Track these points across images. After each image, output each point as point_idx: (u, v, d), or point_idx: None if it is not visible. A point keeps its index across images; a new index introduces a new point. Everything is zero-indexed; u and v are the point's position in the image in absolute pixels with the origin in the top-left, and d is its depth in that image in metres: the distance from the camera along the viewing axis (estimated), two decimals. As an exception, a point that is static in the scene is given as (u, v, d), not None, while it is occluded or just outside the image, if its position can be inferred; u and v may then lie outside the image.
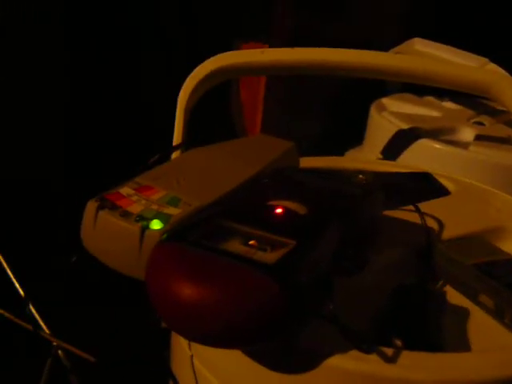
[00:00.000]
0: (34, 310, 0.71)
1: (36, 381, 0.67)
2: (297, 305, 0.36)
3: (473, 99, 1.05)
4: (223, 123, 1.08)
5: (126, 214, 0.45)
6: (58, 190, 1.11)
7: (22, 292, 0.72)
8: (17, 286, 0.73)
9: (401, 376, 0.39)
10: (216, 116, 1.01)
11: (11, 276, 0.73)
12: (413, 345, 0.42)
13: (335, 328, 0.38)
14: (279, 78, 1.02)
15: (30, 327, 0.69)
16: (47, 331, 0.70)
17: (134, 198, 0.47)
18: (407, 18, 1.23)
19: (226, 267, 0.37)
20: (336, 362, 0.39)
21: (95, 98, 1.12)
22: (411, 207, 0.60)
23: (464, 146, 0.90)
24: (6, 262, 0.74)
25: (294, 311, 0.36)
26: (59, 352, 0.70)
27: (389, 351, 0.40)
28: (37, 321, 0.71)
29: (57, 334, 0.69)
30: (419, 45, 1.01)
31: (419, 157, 0.87)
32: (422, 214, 0.58)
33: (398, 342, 0.41)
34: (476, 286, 0.49)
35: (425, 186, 0.71)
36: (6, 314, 0.71)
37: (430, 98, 1.10)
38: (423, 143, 0.88)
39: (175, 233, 0.42)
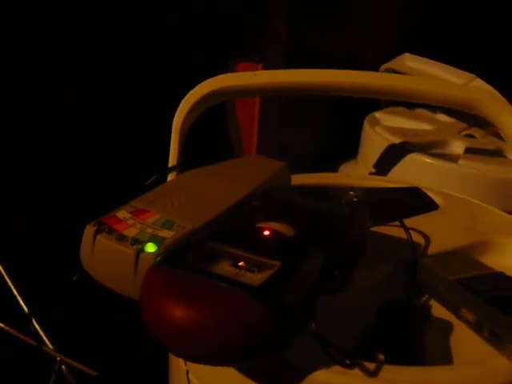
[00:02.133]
0: (37, 326, 0.73)
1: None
2: (281, 324, 0.38)
3: (465, 112, 1.07)
4: (220, 143, 1.10)
5: (121, 238, 0.47)
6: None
7: (25, 308, 0.74)
8: (20, 302, 0.75)
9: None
10: (213, 136, 1.03)
11: (14, 291, 0.75)
12: (396, 360, 0.44)
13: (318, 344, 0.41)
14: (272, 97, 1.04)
15: (34, 343, 0.71)
16: (51, 346, 0.72)
17: (130, 221, 0.50)
18: (399, 32, 1.25)
19: (213, 290, 0.39)
20: (319, 376, 0.41)
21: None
22: (398, 223, 0.62)
23: (454, 159, 0.91)
24: (10, 278, 0.76)
25: (278, 330, 0.38)
26: (63, 367, 0.72)
27: (371, 366, 0.42)
28: (41, 336, 0.73)
29: (60, 348, 0.72)
30: (410, 61, 1.03)
31: (410, 171, 0.89)
32: (407, 230, 0.60)
33: (381, 357, 0.43)
34: (458, 300, 0.51)
35: (414, 201, 0.72)
36: (11, 331, 0.73)
37: (423, 111, 1.12)
38: (414, 157, 0.90)
39: (168, 256, 0.44)
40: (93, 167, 1.16)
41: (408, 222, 0.62)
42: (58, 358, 0.72)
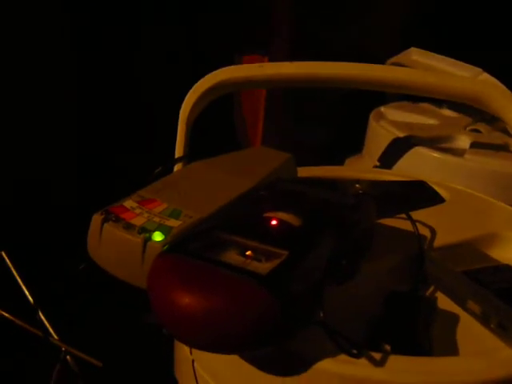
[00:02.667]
0: (43, 317, 0.74)
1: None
2: (288, 312, 0.38)
3: (470, 106, 1.07)
4: (226, 134, 1.10)
5: (129, 227, 0.47)
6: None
7: (31, 299, 0.74)
8: (26, 292, 0.75)
9: (388, 379, 0.41)
10: (219, 127, 1.03)
11: (20, 283, 0.75)
12: (403, 350, 0.44)
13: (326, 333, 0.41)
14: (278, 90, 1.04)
15: (39, 333, 0.72)
16: (56, 337, 0.73)
17: (137, 210, 0.50)
18: (405, 27, 1.25)
19: (221, 277, 0.39)
20: (325, 365, 0.42)
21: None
22: (405, 215, 0.62)
23: (460, 153, 0.91)
24: (15, 268, 0.76)
25: (286, 319, 0.38)
26: (67, 357, 0.72)
27: (377, 355, 0.42)
28: (46, 327, 0.73)
29: (65, 339, 0.72)
30: (416, 55, 1.03)
31: (416, 165, 0.89)
32: (414, 222, 0.60)
33: (387, 347, 0.43)
34: (464, 292, 0.51)
35: (420, 195, 0.73)
36: (17, 321, 0.73)
37: (429, 106, 1.12)
38: (419, 151, 0.90)
39: (176, 244, 0.44)
40: (93, 167, 1.16)
41: (414, 215, 0.62)
42: (63, 348, 0.72)
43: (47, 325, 0.73)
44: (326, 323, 0.40)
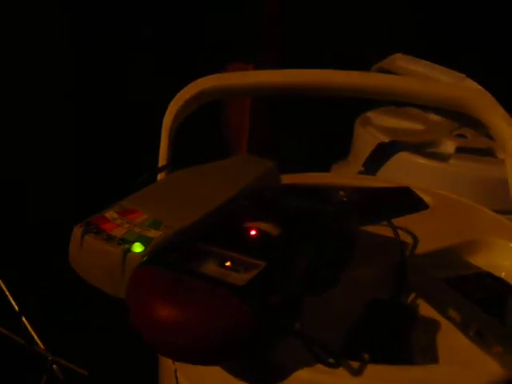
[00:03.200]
0: (28, 325, 0.73)
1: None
2: (264, 322, 0.39)
3: (456, 111, 1.07)
4: (211, 142, 1.10)
5: (109, 238, 0.47)
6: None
7: (15, 306, 0.74)
8: (10, 299, 0.75)
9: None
10: (204, 135, 1.03)
11: (4, 289, 0.75)
12: (382, 358, 0.44)
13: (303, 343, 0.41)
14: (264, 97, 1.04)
15: (24, 342, 0.72)
16: (42, 346, 0.72)
17: (118, 221, 0.50)
18: (391, 31, 1.25)
19: (199, 289, 0.39)
20: (303, 375, 0.42)
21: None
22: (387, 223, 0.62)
23: (445, 158, 0.92)
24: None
25: (262, 329, 0.39)
26: (54, 366, 0.72)
27: (355, 365, 0.42)
28: (32, 336, 0.73)
29: (50, 348, 0.72)
30: (401, 61, 1.03)
31: (401, 170, 0.89)
32: (396, 230, 0.60)
33: (366, 356, 0.43)
34: (445, 300, 0.52)
35: (404, 201, 0.73)
36: (2, 330, 0.73)
37: (415, 110, 1.12)
38: (404, 157, 0.90)
39: (155, 255, 0.45)
40: (93, 167, 1.16)
41: (397, 221, 0.63)
42: (50, 358, 0.72)
43: (32, 333, 0.73)
44: (303, 333, 0.40)
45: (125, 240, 0.47)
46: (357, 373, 0.42)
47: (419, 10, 1.30)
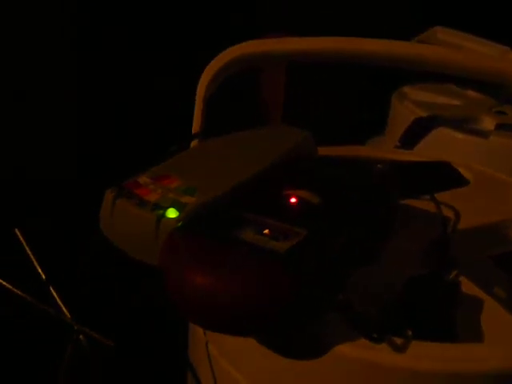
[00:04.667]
0: (55, 295, 0.73)
1: (57, 366, 0.68)
2: (305, 292, 0.37)
3: (496, 88, 1.04)
4: (245, 111, 1.09)
5: (142, 203, 0.46)
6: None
7: (43, 276, 0.74)
8: (39, 270, 0.74)
9: (409, 366, 0.39)
10: (239, 105, 1.01)
11: (33, 260, 0.75)
12: (426, 336, 0.42)
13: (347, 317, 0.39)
14: (300, 69, 1.02)
15: (51, 311, 0.71)
16: (68, 315, 0.72)
17: (151, 186, 0.48)
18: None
19: (236, 255, 0.38)
20: (344, 350, 0.40)
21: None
22: (428, 197, 0.60)
23: (485, 135, 0.89)
24: (28, 245, 0.75)
25: (302, 298, 0.37)
26: (80, 337, 0.71)
27: (398, 341, 0.40)
28: (59, 305, 0.72)
29: (77, 318, 0.71)
30: (441, 33, 1.00)
31: (439, 146, 0.87)
32: (438, 204, 0.58)
33: (409, 332, 0.41)
34: (490, 277, 0.50)
35: (443, 176, 0.71)
36: (29, 299, 0.72)
37: (452, 87, 1.09)
38: (443, 132, 0.88)
39: (190, 222, 0.43)
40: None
41: (438, 196, 0.61)
42: (76, 328, 0.71)
43: (60, 303, 0.73)
44: (345, 306, 0.39)
45: (158, 205, 0.45)
46: (400, 349, 0.40)
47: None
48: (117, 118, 1.12)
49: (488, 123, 0.94)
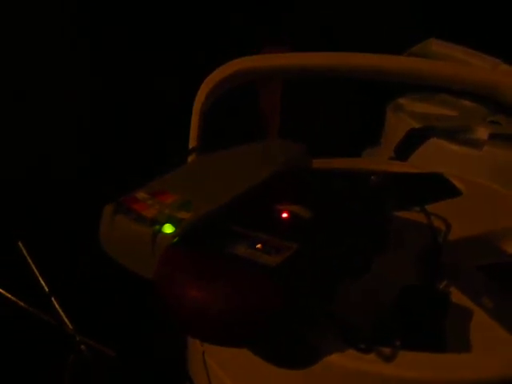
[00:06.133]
0: (57, 305, 0.74)
1: (59, 376, 0.69)
2: (296, 305, 0.38)
3: (489, 99, 1.05)
4: (242, 124, 1.09)
5: (140, 218, 0.47)
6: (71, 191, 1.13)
7: (46, 288, 0.75)
8: (41, 281, 0.75)
9: (395, 374, 0.40)
10: (236, 119, 1.02)
11: (36, 272, 0.76)
12: (416, 345, 0.43)
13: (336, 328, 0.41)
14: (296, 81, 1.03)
15: (54, 322, 0.72)
16: (70, 326, 0.73)
17: (149, 202, 0.49)
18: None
19: (229, 269, 0.39)
20: (333, 359, 0.41)
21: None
22: (419, 209, 0.61)
23: (479, 145, 0.90)
24: (31, 257, 0.77)
25: (291, 310, 0.38)
26: (82, 347, 0.72)
27: (387, 350, 0.42)
28: (61, 316, 0.73)
29: (79, 328, 0.72)
30: (435, 45, 1.01)
31: (433, 157, 0.88)
32: (429, 216, 0.59)
33: (397, 342, 0.43)
34: (480, 287, 0.51)
35: (436, 187, 0.72)
36: (31, 310, 0.73)
37: (447, 97, 1.10)
38: (437, 143, 0.89)
39: (185, 237, 0.44)
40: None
41: (430, 208, 0.62)
42: (78, 338, 0.73)
43: (61, 314, 0.74)
44: (334, 317, 0.40)
45: (155, 221, 0.47)
46: (388, 359, 0.41)
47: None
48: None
49: (482, 133, 0.94)
